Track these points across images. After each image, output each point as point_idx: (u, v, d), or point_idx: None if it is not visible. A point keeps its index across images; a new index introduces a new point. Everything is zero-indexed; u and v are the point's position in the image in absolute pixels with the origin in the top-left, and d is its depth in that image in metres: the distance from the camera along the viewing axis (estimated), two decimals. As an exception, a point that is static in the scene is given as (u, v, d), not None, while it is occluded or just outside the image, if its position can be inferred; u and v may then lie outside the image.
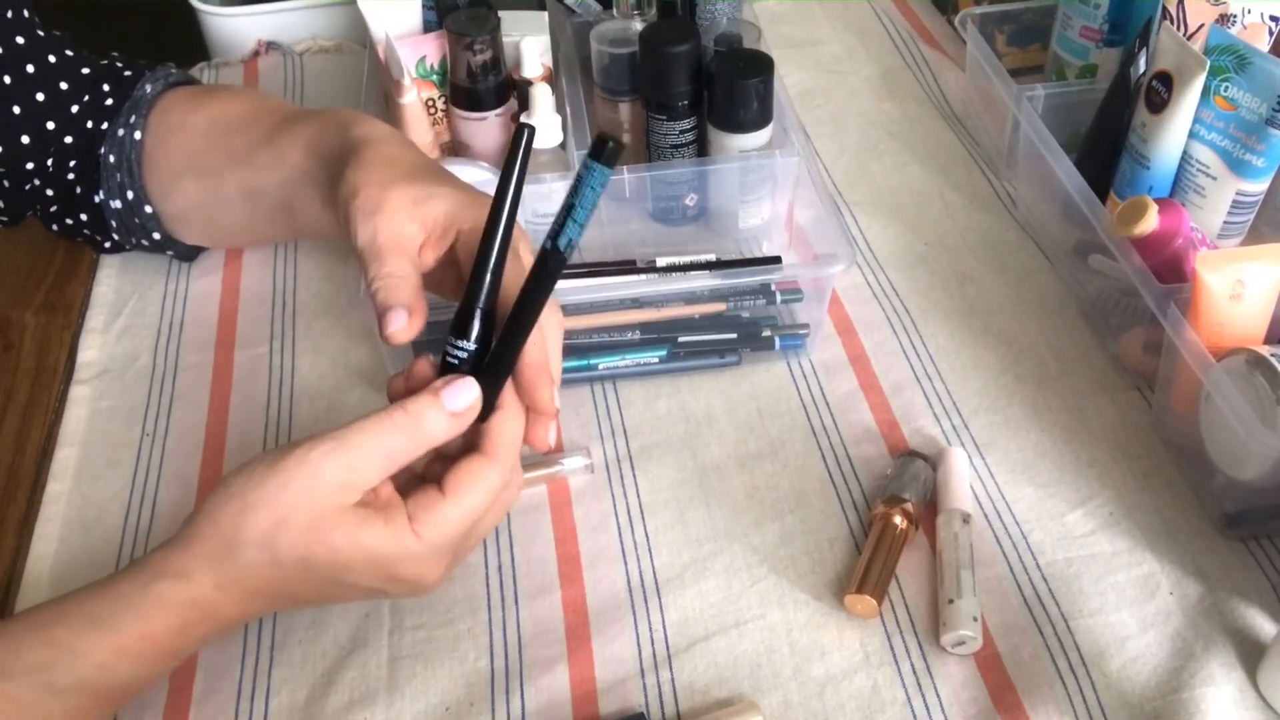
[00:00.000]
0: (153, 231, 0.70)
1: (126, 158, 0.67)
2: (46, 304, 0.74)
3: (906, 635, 0.55)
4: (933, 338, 0.71)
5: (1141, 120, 0.67)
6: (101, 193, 0.68)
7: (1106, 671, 0.54)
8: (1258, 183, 0.66)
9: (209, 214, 0.69)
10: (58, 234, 0.73)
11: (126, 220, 0.69)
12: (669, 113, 0.72)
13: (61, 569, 0.59)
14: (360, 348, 0.70)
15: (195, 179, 0.67)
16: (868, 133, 0.87)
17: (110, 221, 0.70)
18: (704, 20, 0.79)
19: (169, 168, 0.67)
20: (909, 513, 0.58)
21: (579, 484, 0.63)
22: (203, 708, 0.54)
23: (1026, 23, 0.86)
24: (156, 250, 0.73)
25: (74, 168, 0.68)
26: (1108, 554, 0.58)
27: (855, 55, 0.96)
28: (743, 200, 0.74)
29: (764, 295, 0.67)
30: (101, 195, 0.68)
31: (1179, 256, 0.61)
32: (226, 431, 0.66)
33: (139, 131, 0.67)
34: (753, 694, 0.53)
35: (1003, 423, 0.65)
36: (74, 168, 0.68)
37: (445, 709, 0.53)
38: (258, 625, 0.57)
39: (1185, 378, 0.60)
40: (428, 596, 0.57)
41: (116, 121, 0.67)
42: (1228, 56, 0.64)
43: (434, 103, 0.76)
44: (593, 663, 0.55)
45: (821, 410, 0.66)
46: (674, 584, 0.58)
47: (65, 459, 0.64)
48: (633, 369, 0.67)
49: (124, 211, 0.69)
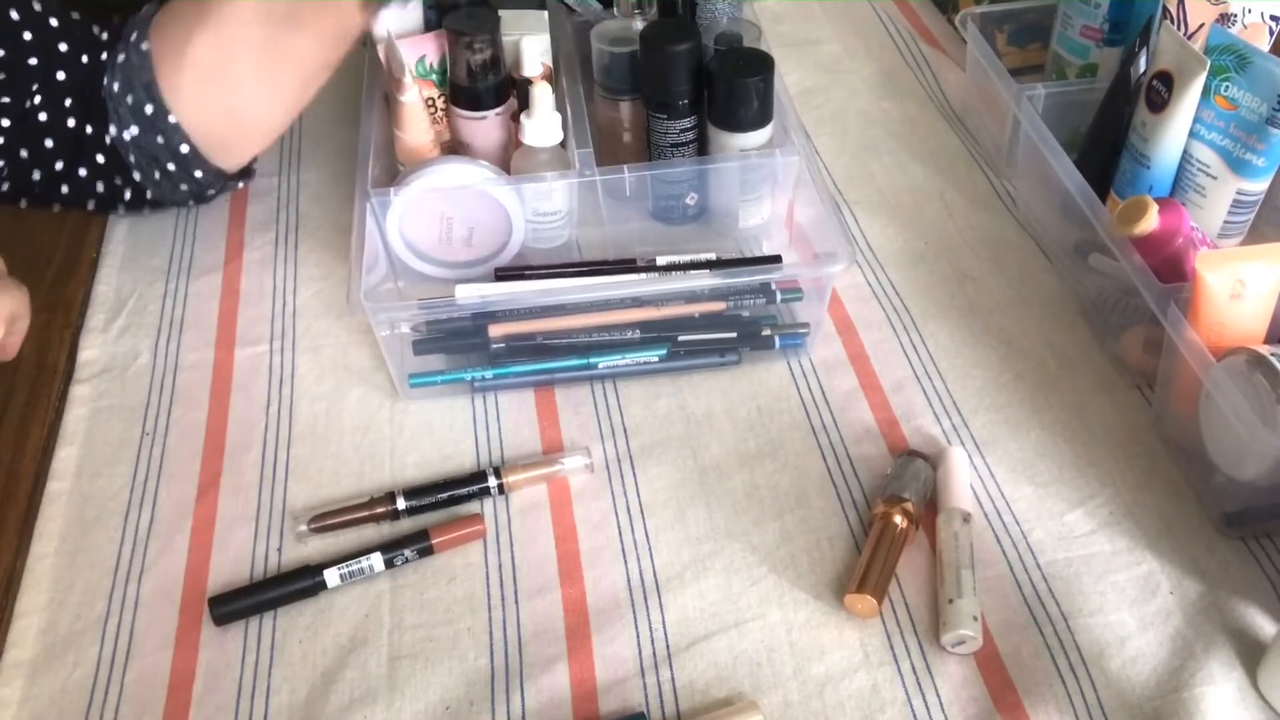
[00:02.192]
0: (179, 145, 0.69)
1: (137, 74, 0.67)
2: (46, 303, 0.74)
3: (906, 635, 0.55)
4: (933, 337, 0.71)
5: (1142, 120, 0.67)
6: (113, 127, 0.67)
7: (1106, 671, 0.54)
8: (1258, 182, 0.66)
9: (239, 93, 0.69)
10: (65, 203, 0.71)
11: (147, 145, 0.68)
12: (669, 112, 0.72)
13: (62, 568, 0.59)
14: (360, 348, 0.70)
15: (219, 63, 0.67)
16: (868, 132, 0.87)
17: (129, 157, 0.69)
18: (704, 19, 0.79)
19: (189, 66, 0.67)
20: (909, 512, 0.58)
21: (579, 483, 0.63)
22: (202, 707, 0.54)
23: (1027, 22, 0.86)
24: (180, 181, 0.71)
25: (72, 108, 0.67)
26: (1108, 553, 0.58)
27: (855, 55, 0.96)
28: (743, 199, 0.74)
29: (764, 294, 0.67)
30: (114, 130, 0.68)
31: (1179, 256, 0.61)
32: (226, 430, 0.66)
33: (145, 43, 0.67)
34: (753, 693, 0.53)
35: (1003, 422, 0.65)
36: (72, 108, 0.67)
37: (445, 708, 0.53)
38: (258, 625, 0.57)
39: (1185, 377, 0.60)
40: (428, 596, 0.57)
41: (115, 50, 0.67)
42: (1228, 56, 0.64)
43: (434, 102, 0.76)
44: (593, 662, 0.55)
45: (821, 409, 0.66)
46: (674, 583, 0.58)
47: (65, 458, 0.64)
48: (632, 368, 0.67)
49: (143, 136, 0.68)
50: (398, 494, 0.61)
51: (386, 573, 0.58)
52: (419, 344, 0.66)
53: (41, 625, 0.57)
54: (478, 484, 0.61)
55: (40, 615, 0.57)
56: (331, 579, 0.57)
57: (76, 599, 0.58)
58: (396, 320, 0.65)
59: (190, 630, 0.56)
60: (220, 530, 0.61)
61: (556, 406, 0.67)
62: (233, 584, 0.58)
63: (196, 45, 0.67)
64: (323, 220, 0.79)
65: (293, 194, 0.81)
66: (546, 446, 0.65)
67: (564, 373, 0.67)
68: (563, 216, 0.73)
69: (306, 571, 0.57)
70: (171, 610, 0.57)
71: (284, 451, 0.65)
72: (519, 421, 0.66)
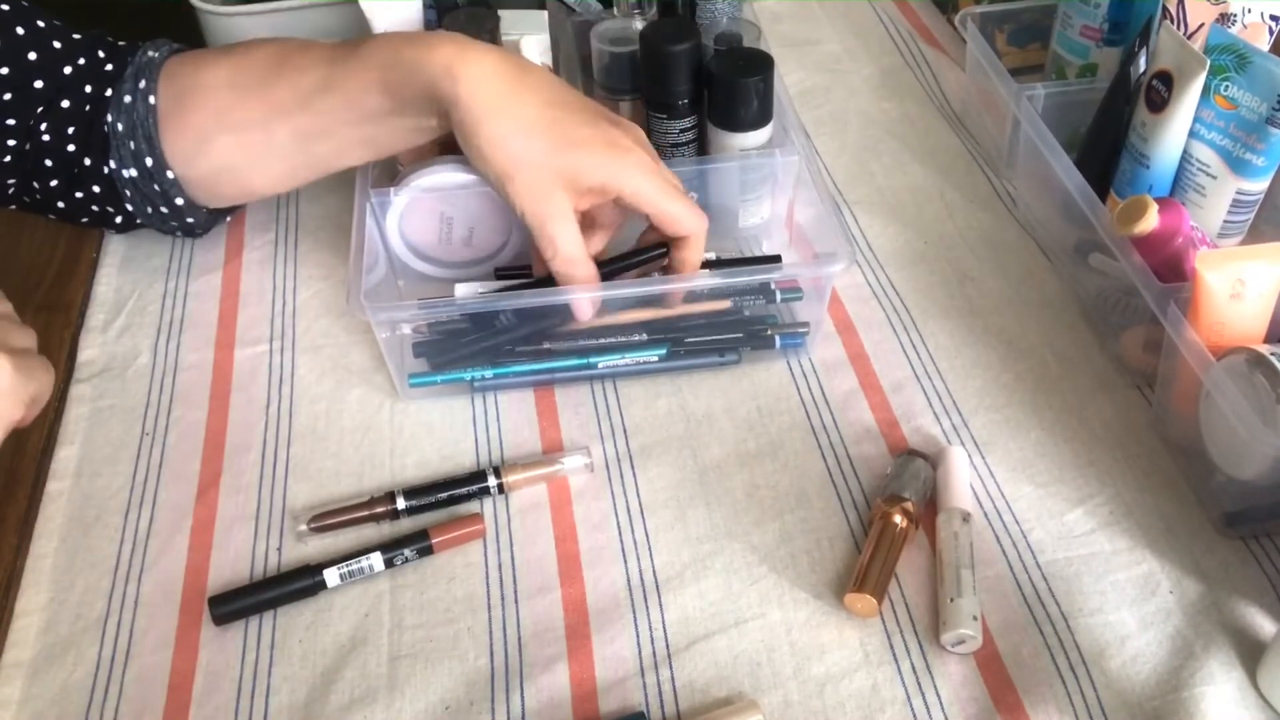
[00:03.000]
0: (175, 197, 0.69)
1: (141, 124, 0.66)
2: (46, 303, 0.74)
3: (906, 634, 0.55)
4: (933, 337, 0.71)
5: (1142, 119, 0.67)
6: (113, 162, 0.67)
7: (1106, 670, 0.54)
8: (1258, 182, 0.66)
9: (249, 167, 0.68)
10: (60, 216, 0.71)
11: (143, 188, 0.68)
12: (669, 111, 0.72)
13: (62, 568, 0.59)
14: (360, 348, 0.70)
15: (231, 134, 0.66)
16: (868, 132, 0.87)
17: (124, 191, 0.69)
18: (704, 19, 0.79)
19: (194, 130, 0.67)
20: (909, 511, 0.58)
21: (579, 483, 0.63)
22: (203, 707, 0.54)
23: (1026, 22, 0.86)
24: (171, 220, 0.71)
25: (74, 135, 0.67)
26: (1107, 553, 0.58)
27: (855, 54, 0.96)
28: (743, 199, 0.74)
29: (764, 294, 0.67)
30: (113, 165, 0.67)
31: (1179, 255, 0.61)
32: (226, 430, 0.66)
33: (152, 96, 0.66)
34: (753, 693, 0.53)
35: (1003, 421, 0.65)
36: (74, 135, 0.67)
37: (445, 708, 0.53)
38: (258, 624, 0.57)
39: (1185, 377, 0.60)
40: (428, 595, 0.57)
41: (121, 88, 0.66)
42: (1228, 56, 0.64)
43: (434, 102, 0.76)
44: (593, 661, 0.55)
45: (821, 409, 0.66)
46: (674, 583, 0.58)
47: (65, 458, 0.64)
48: (633, 368, 0.67)
49: (140, 179, 0.68)
50: (397, 494, 0.61)
51: (386, 572, 0.58)
52: (419, 345, 0.66)
53: (41, 625, 0.57)
54: (477, 484, 0.61)
55: (40, 615, 0.57)
56: (331, 579, 0.57)
57: (76, 599, 0.58)
58: (396, 321, 0.65)
59: (190, 630, 0.56)
60: (220, 530, 0.61)
61: (556, 406, 0.67)
62: (233, 584, 0.58)
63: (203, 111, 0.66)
64: (323, 220, 0.79)
65: (293, 194, 0.81)
66: (546, 446, 0.65)
67: (564, 372, 0.67)
68: (563, 216, 0.73)
69: (306, 571, 0.57)
70: (171, 610, 0.57)
71: (284, 451, 0.65)
72: (519, 421, 0.66)
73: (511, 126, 0.60)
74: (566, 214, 0.61)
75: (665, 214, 0.63)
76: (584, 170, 0.61)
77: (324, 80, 0.64)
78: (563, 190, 0.61)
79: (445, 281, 0.72)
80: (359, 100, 0.64)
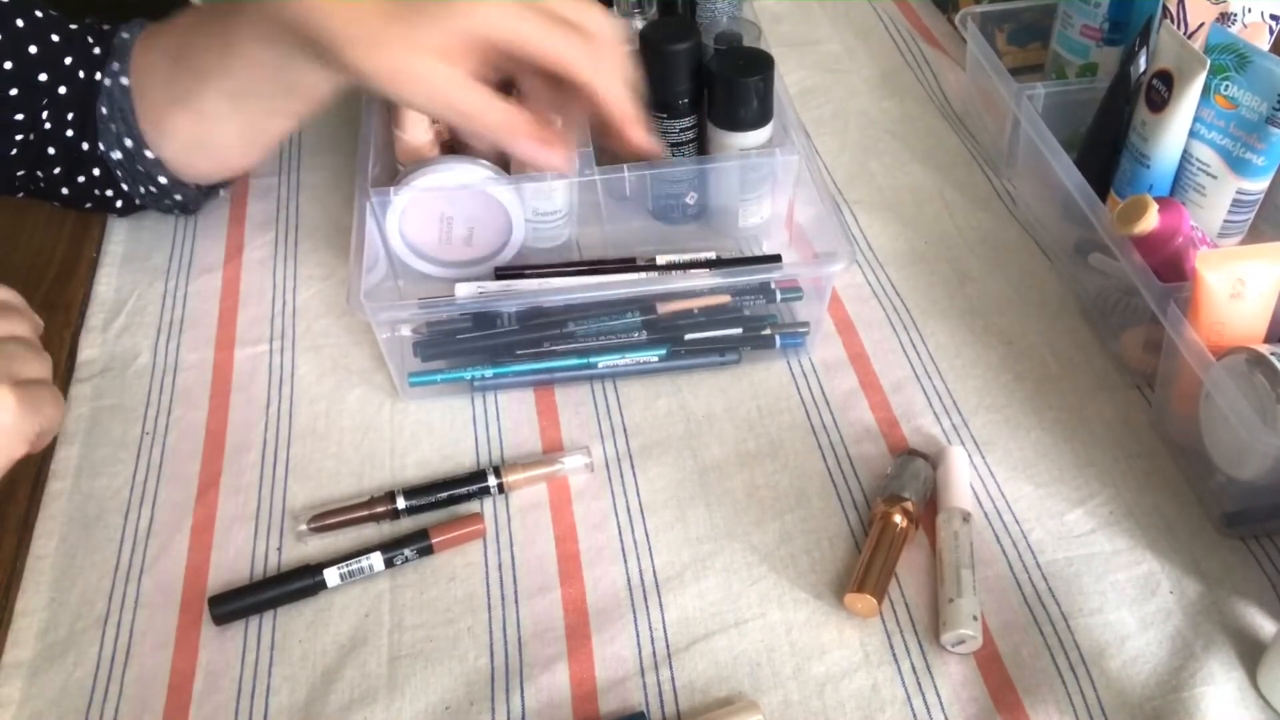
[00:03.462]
0: (158, 176, 0.70)
1: (119, 107, 0.67)
2: (46, 303, 0.74)
3: (906, 634, 0.55)
4: (932, 336, 0.71)
5: (1142, 119, 0.67)
6: (101, 145, 0.68)
7: (1106, 670, 0.54)
8: (1258, 181, 0.66)
9: (208, 138, 0.68)
10: (64, 203, 0.73)
11: (130, 169, 0.70)
12: (669, 111, 0.72)
13: (61, 568, 0.59)
14: (360, 348, 0.70)
15: (179, 108, 0.67)
16: (868, 132, 0.87)
17: (117, 172, 0.70)
18: (704, 19, 0.79)
19: (156, 108, 0.68)
20: (909, 511, 0.58)
21: (579, 483, 0.63)
22: (202, 707, 0.54)
23: (1027, 21, 0.86)
24: (166, 198, 0.72)
25: (73, 121, 0.67)
26: (1107, 553, 0.58)
27: (855, 54, 0.96)
28: (743, 199, 0.74)
29: (764, 294, 0.67)
30: (101, 147, 0.68)
31: (1179, 255, 0.61)
32: (226, 430, 0.66)
33: (125, 78, 0.67)
34: (753, 693, 0.53)
35: (1003, 421, 0.65)
36: (73, 121, 0.67)
37: (445, 708, 0.53)
38: (258, 624, 0.57)
39: (1185, 377, 0.60)
40: (428, 595, 0.57)
41: (105, 71, 0.67)
42: (1228, 55, 0.64)
43: (434, 101, 0.76)
44: (593, 661, 0.55)
45: (821, 409, 0.66)
46: (674, 583, 0.58)
47: (66, 457, 0.64)
48: (633, 367, 0.67)
49: (125, 160, 0.69)
50: (397, 493, 0.61)
51: (386, 572, 0.58)
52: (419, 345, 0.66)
53: (41, 625, 0.57)
54: (477, 483, 0.61)
55: (40, 615, 0.57)
56: (331, 578, 0.57)
57: (76, 599, 0.58)
58: (396, 320, 0.65)
59: (190, 630, 0.56)
60: (220, 530, 0.61)
61: (556, 406, 0.67)
62: (233, 583, 0.58)
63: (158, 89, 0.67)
64: (323, 220, 0.79)
65: (293, 194, 0.81)
66: (546, 446, 0.65)
67: (564, 372, 0.67)
68: (563, 216, 0.73)
69: (306, 571, 0.57)
70: (171, 610, 0.57)
71: (284, 451, 0.65)
72: (519, 421, 0.66)
73: (352, 15, 0.56)
74: (445, 76, 0.56)
75: (547, 52, 0.57)
76: (436, 29, 0.56)
77: (224, 40, 0.64)
78: (429, 57, 0.56)
79: (445, 281, 0.72)
80: (254, 54, 0.63)
